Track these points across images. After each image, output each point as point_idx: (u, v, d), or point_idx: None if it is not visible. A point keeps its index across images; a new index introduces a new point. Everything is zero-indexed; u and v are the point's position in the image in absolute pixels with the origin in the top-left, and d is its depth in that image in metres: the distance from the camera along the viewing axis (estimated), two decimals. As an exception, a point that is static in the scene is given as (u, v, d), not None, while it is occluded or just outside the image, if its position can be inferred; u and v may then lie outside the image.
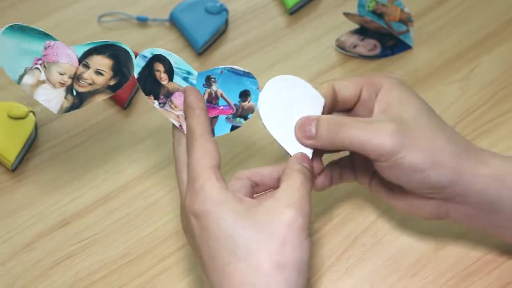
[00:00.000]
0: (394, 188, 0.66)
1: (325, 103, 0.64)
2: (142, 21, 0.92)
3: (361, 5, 0.88)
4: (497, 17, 0.93)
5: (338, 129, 0.62)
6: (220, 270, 0.56)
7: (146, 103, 0.85)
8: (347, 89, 0.65)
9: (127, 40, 0.90)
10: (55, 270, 0.73)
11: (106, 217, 0.77)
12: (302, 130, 0.63)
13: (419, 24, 0.91)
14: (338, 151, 0.66)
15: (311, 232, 0.58)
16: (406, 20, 0.87)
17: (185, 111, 0.63)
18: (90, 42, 0.65)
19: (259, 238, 0.55)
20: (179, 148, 0.62)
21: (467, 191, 0.62)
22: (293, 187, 0.59)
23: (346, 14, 0.88)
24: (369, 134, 0.61)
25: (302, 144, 0.63)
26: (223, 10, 0.90)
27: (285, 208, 0.57)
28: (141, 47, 0.89)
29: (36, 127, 0.81)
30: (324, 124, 0.62)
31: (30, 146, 0.81)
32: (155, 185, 0.79)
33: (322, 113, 0.64)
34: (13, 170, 0.79)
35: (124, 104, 0.84)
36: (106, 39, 0.90)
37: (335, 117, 0.63)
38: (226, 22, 0.91)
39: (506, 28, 0.92)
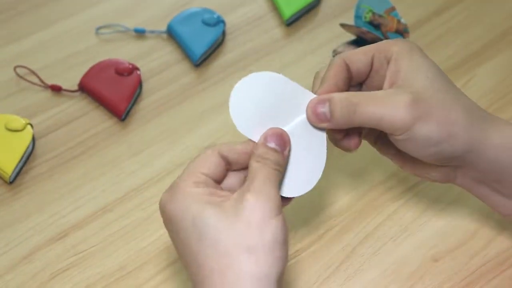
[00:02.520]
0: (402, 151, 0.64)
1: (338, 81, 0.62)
2: (140, 33, 0.92)
3: (357, 16, 0.89)
4: (493, 28, 0.93)
5: (353, 109, 0.60)
6: (193, 260, 0.57)
7: (143, 115, 0.85)
8: (358, 60, 0.63)
9: (125, 52, 0.90)
10: (53, 282, 0.73)
11: (104, 228, 0.77)
12: (315, 113, 0.61)
13: (415, 35, 0.91)
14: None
15: (281, 211, 0.57)
16: (402, 31, 0.88)
17: None
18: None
19: (225, 225, 0.56)
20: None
21: (479, 160, 0.62)
22: (255, 173, 0.58)
23: (343, 25, 0.88)
24: (384, 109, 0.59)
25: (316, 127, 0.61)
26: (220, 21, 0.91)
27: (246, 194, 0.57)
28: (138, 59, 0.89)
29: (33, 140, 0.82)
30: (338, 104, 0.60)
31: (27, 159, 0.81)
32: (153, 196, 0.79)
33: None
34: (11, 183, 0.79)
35: (122, 116, 0.84)
36: (104, 50, 0.90)
37: (348, 95, 0.60)
38: (223, 34, 0.91)
39: (502, 39, 0.92)
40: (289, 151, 0.61)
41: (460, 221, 0.75)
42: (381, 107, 0.59)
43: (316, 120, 0.61)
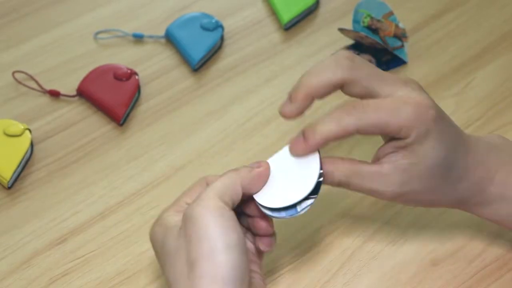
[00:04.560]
0: None
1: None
2: (138, 38, 0.92)
3: (356, 21, 0.89)
4: (492, 32, 0.93)
5: (342, 186, 0.64)
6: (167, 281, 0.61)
7: (142, 120, 0.85)
8: (371, 132, 0.62)
9: (123, 57, 0.90)
10: (52, 287, 0.73)
11: (103, 233, 0.76)
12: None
13: (414, 39, 0.91)
14: None
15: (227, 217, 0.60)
16: (401, 35, 0.88)
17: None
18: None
19: (177, 244, 0.60)
20: None
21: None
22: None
23: (341, 30, 0.88)
24: (375, 186, 0.62)
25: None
26: (218, 26, 0.91)
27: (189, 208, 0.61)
28: (137, 64, 0.89)
29: (32, 145, 0.81)
30: (330, 181, 0.63)
31: (26, 164, 0.81)
32: (151, 201, 0.79)
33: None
34: (9, 188, 0.79)
35: (120, 121, 0.84)
36: (102, 56, 0.91)
37: (340, 176, 0.63)
38: (222, 38, 0.91)
39: (501, 43, 0.92)
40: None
41: (458, 225, 0.75)
42: (370, 190, 0.63)
43: None
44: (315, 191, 0.62)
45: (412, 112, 0.61)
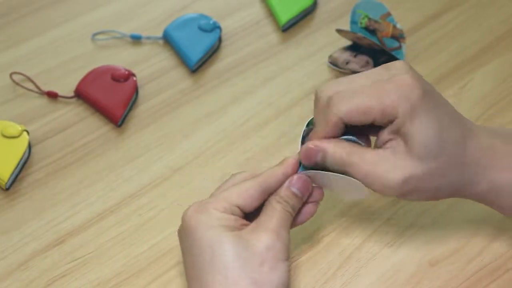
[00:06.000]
0: None
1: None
2: (136, 39, 0.92)
3: (353, 22, 0.89)
4: (490, 32, 0.93)
5: (344, 167, 0.63)
6: (199, 277, 0.61)
7: (139, 121, 0.85)
8: (357, 120, 0.62)
9: (121, 58, 0.90)
10: (49, 289, 0.73)
11: (101, 235, 0.76)
12: (308, 159, 0.64)
13: (411, 39, 0.91)
14: None
15: (290, 256, 0.63)
16: (398, 36, 0.88)
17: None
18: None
19: (239, 255, 0.60)
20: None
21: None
22: (273, 212, 0.63)
23: (339, 31, 0.88)
24: (376, 180, 0.62)
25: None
26: (216, 27, 0.91)
27: (265, 232, 0.62)
28: (135, 65, 0.89)
29: (29, 146, 0.81)
30: (330, 159, 0.63)
31: (23, 165, 0.81)
32: (149, 202, 0.78)
33: None
34: (7, 189, 0.79)
35: (118, 122, 0.84)
36: (100, 57, 0.90)
37: (342, 154, 0.63)
38: (220, 39, 0.91)
39: (499, 43, 0.92)
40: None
41: (456, 226, 0.75)
42: (373, 176, 0.62)
43: (307, 163, 0.65)
44: None
45: (394, 91, 0.61)
